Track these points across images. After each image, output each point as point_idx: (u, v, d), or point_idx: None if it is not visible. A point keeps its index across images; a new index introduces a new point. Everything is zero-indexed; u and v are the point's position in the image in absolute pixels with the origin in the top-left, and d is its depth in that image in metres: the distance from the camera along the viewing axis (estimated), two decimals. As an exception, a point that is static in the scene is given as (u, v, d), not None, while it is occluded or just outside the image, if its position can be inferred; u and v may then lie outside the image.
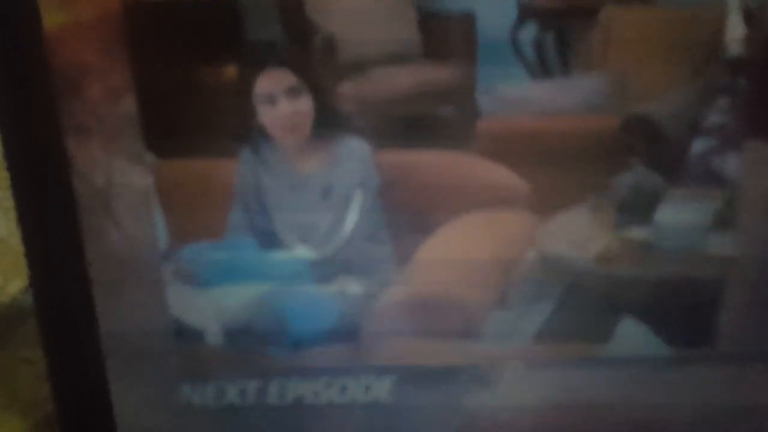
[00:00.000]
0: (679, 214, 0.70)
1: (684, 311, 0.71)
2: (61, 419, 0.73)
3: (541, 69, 0.71)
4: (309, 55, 0.71)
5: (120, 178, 0.68)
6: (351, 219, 0.75)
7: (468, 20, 0.67)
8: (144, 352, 0.72)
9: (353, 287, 0.75)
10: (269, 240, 0.76)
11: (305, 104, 0.73)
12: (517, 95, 0.71)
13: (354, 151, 0.74)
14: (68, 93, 0.65)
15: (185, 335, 0.73)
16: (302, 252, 0.76)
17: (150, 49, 0.66)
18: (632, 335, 0.72)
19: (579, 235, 0.72)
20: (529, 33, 0.69)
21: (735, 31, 0.64)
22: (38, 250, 0.68)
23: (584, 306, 0.73)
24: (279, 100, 0.72)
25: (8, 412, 0.83)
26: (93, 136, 0.67)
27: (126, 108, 0.66)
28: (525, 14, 0.67)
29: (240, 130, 0.73)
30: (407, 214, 0.74)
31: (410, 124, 0.71)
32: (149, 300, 0.71)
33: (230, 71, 0.71)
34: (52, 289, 0.70)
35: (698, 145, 0.69)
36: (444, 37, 0.70)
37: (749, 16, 0.64)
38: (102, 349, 0.72)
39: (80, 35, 0.64)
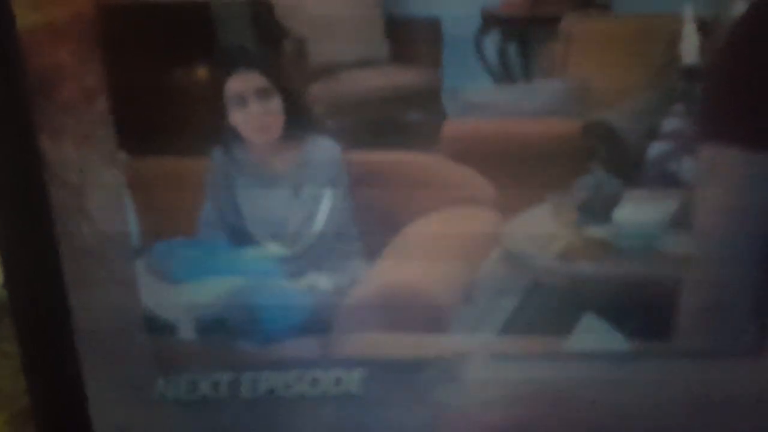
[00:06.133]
0: (637, 214, 0.72)
1: (643, 307, 0.72)
2: (36, 412, 0.74)
3: (505, 74, 0.72)
4: (279, 57, 0.72)
5: (93, 176, 0.68)
6: (321, 217, 0.76)
7: (434, 26, 0.69)
8: (117, 347, 0.73)
9: (323, 283, 0.76)
10: (241, 236, 0.76)
11: (275, 105, 0.73)
12: (482, 99, 0.72)
13: (324, 151, 0.75)
14: (42, 92, 0.65)
15: (158, 330, 0.74)
16: (273, 248, 0.76)
17: (123, 50, 0.66)
18: (593, 330, 0.73)
19: (541, 233, 0.73)
20: (492, 40, 0.70)
21: (690, 39, 0.66)
22: (12, 246, 0.69)
23: (547, 302, 0.75)
24: (249, 101, 0.73)
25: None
26: (66, 134, 0.67)
27: (99, 107, 0.67)
28: (488, 22, 0.68)
29: (211, 129, 0.74)
30: (376, 212, 0.75)
31: (378, 126, 0.72)
32: (122, 295, 0.72)
33: (202, 72, 0.71)
34: (26, 284, 0.70)
35: (655, 149, 0.70)
36: (411, 42, 0.71)
37: (703, 26, 0.66)
38: (76, 343, 0.72)
39: (54, 36, 0.64)
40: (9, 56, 0.63)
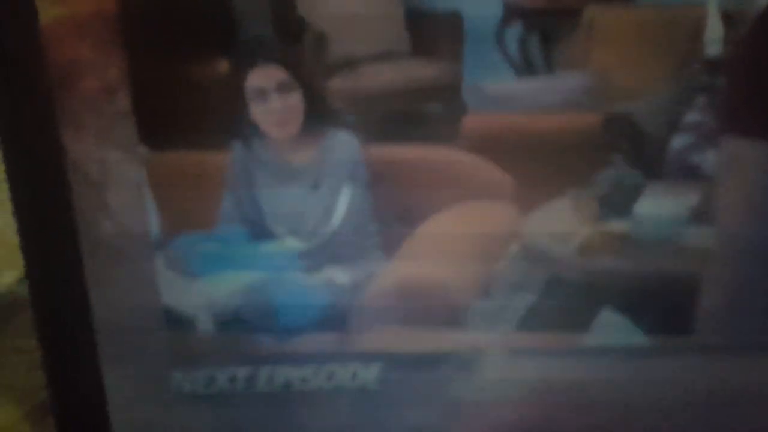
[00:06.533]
0: (658, 208, 0.72)
1: (663, 302, 0.72)
2: (54, 407, 0.74)
3: (526, 67, 0.72)
4: (299, 51, 0.72)
5: (113, 171, 0.69)
6: (339, 211, 0.76)
7: (455, 19, 0.69)
8: (136, 340, 0.73)
9: (341, 277, 0.76)
10: (259, 230, 0.77)
11: (295, 99, 0.74)
12: (503, 92, 0.72)
13: (343, 145, 0.75)
14: (63, 86, 0.65)
15: (176, 323, 0.74)
16: (291, 242, 0.77)
17: (144, 43, 0.66)
18: (612, 325, 0.73)
19: (561, 227, 0.73)
20: (514, 32, 0.70)
21: (713, 31, 0.66)
22: (33, 240, 0.69)
23: (565, 296, 0.75)
24: (270, 95, 0.73)
25: (2, 399, 0.84)
26: (88, 128, 0.67)
27: (120, 101, 0.67)
28: (510, 14, 0.68)
29: (231, 123, 0.74)
30: (394, 207, 0.75)
31: (398, 120, 0.73)
32: (141, 289, 0.72)
33: (222, 66, 0.72)
34: (46, 278, 0.70)
35: (677, 142, 0.70)
36: (431, 35, 0.71)
37: (727, 17, 0.65)
38: (95, 337, 0.72)
39: (75, 30, 0.64)
40: (31, 51, 0.64)
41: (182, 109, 0.70)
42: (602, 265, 0.74)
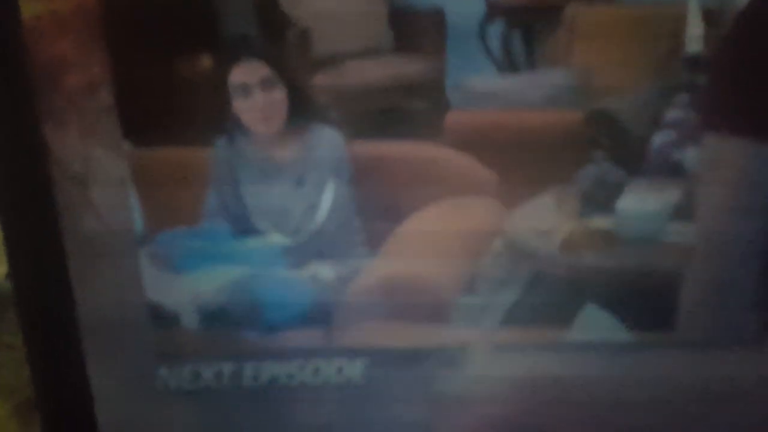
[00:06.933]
0: (640, 204, 0.72)
1: (645, 298, 0.73)
2: (40, 402, 0.74)
3: (508, 64, 0.72)
4: (283, 47, 0.72)
5: (97, 166, 0.68)
6: (324, 206, 0.76)
7: (438, 16, 0.69)
8: (121, 337, 0.73)
9: (325, 272, 0.77)
10: (244, 226, 0.77)
11: (279, 95, 0.74)
12: (485, 89, 0.72)
13: (327, 141, 0.75)
14: (47, 83, 0.65)
15: (161, 319, 0.74)
16: (276, 238, 0.77)
17: (127, 40, 0.66)
18: (595, 321, 0.74)
19: (544, 223, 0.74)
20: (496, 29, 0.70)
21: (695, 28, 0.66)
22: (17, 237, 0.69)
23: (549, 292, 0.75)
24: (253, 91, 0.73)
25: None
26: (71, 124, 0.67)
27: (103, 97, 0.67)
28: (492, 11, 0.68)
29: (215, 119, 0.74)
30: (378, 202, 0.75)
31: (382, 116, 0.73)
32: (126, 285, 0.72)
33: (206, 62, 0.72)
34: (31, 275, 0.70)
35: (659, 139, 0.70)
36: (415, 32, 0.71)
37: (708, 15, 0.66)
38: (80, 333, 0.72)
39: (58, 27, 0.64)
40: (13, 47, 0.63)
41: (166, 105, 0.70)
42: (585, 261, 0.74)
